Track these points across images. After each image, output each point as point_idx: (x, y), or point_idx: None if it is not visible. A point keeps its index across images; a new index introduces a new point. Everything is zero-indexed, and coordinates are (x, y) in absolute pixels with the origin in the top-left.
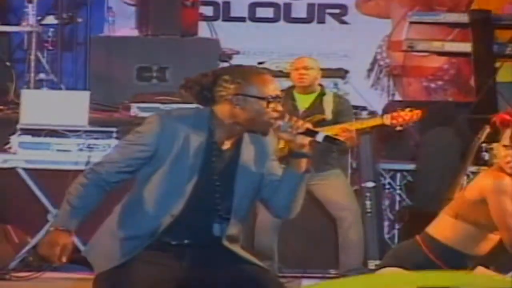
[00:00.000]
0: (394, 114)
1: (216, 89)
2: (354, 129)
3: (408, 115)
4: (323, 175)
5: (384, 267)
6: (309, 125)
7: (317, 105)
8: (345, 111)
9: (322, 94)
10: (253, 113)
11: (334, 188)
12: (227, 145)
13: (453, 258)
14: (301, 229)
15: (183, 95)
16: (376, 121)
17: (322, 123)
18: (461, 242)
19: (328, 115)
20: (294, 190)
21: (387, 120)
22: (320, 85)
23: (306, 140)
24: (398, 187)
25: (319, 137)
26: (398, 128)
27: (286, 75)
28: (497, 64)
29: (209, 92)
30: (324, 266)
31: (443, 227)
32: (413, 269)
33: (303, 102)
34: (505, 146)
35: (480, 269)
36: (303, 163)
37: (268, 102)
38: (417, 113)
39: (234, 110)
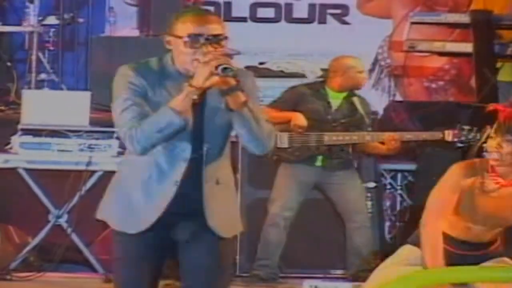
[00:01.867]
0: (456, 131)
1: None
2: (402, 139)
3: (471, 135)
4: (339, 174)
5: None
6: (221, 62)
7: (348, 105)
8: (369, 113)
9: (351, 94)
10: (175, 52)
11: (348, 189)
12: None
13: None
14: (303, 229)
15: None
16: (435, 136)
17: (359, 126)
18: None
19: (365, 117)
20: (245, 127)
21: (448, 136)
22: None
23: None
24: (399, 187)
25: (219, 70)
26: (459, 145)
27: (288, 76)
28: (498, 64)
29: None
30: (326, 267)
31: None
32: None
33: (335, 100)
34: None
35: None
36: (234, 99)
37: (185, 42)
38: (482, 131)
39: (170, 51)
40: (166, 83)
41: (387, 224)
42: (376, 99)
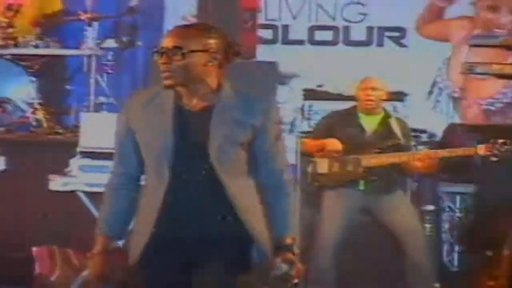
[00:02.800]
0: (489, 145)
1: None
2: (438, 156)
3: (505, 148)
4: (386, 198)
5: None
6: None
7: (385, 128)
8: (408, 134)
9: (387, 116)
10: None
11: (398, 211)
12: (196, 106)
13: None
14: (360, 252)
15: None
16: (469, 151)
17: (396, 147)
18: None
19: (401, 138)
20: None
21: (481, 150)
22: (384, 108)
23: None
24: (457, 210)
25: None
26: (493, 159)
27: (345, 98)
28: None
29: None
30: None
31: None
32: None
33: (369, 123)
34: None
35: None
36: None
37: (159, 55)
38: None
39: None
40: (153, 105)
41: (445, 247)
42: (435, 122)
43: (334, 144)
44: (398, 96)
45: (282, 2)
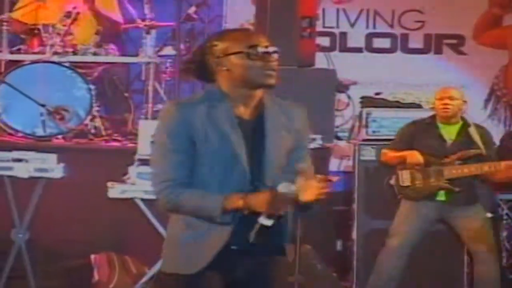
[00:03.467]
0: None
1: (206, 60)
2: None
3: None
4: (465, 209)
5: None
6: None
7: (464, 137)
8: (489, 142)
9: (466, 125)
10: (240, 69)
11: (474, 222)
12: (247, 114)
13: None
14: (421, 260)
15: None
16: None
17: (477, 156)
18: None
19: (482, 148)
20: None
21: None
22: (462, 117)
23: None
24: None
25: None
26: None
27: (403, 106)
28: None
29: (203, 66)
30: None
31: None
32: None
33: (449, 133)
34: None
35: None
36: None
37: (249, 54)
38: None
39: (223, 73)
40: (213, 113)
41: (504, 254)
42: (492, 130)
43: (415, 156)
44: None
45: (339, 9)
